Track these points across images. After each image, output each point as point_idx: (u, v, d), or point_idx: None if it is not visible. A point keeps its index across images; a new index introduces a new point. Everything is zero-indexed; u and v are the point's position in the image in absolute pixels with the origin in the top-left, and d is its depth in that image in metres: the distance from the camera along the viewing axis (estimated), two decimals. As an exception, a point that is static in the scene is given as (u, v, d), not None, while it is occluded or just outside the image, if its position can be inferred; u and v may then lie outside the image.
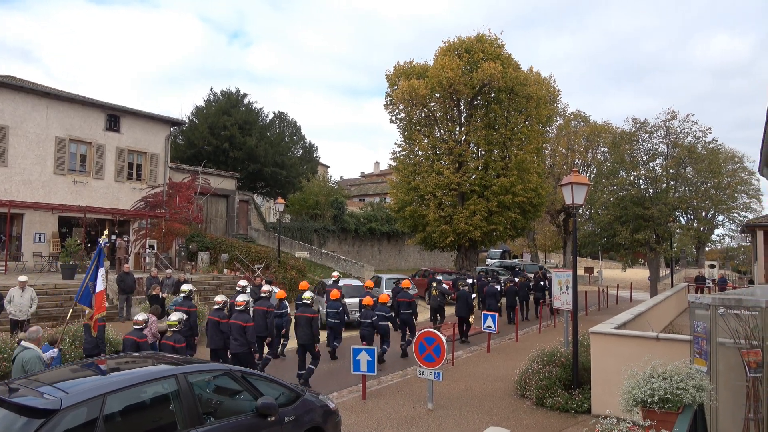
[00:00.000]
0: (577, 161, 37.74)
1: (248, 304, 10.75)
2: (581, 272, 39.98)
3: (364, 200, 55.50)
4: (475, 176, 25.63)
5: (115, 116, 25.70)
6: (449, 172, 24.83)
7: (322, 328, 13.25)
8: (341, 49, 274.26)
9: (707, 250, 54.88)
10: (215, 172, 31.73)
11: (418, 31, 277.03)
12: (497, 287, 19.13)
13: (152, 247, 25.22)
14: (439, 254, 42.19)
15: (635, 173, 26.94)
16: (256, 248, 26.99)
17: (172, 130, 29.26)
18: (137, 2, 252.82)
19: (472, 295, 17.53)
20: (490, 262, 40.99)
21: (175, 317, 9.33)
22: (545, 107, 26.95)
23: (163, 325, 12.48)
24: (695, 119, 25.91)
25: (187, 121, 35.90)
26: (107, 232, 12.92)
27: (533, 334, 18.03)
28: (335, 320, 13.27)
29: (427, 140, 26.55)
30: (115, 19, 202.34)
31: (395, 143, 28.83)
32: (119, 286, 17.68)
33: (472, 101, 25.95)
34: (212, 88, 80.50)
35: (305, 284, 14.58)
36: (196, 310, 12.25)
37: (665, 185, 26.53)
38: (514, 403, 10.04)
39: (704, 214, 37.15)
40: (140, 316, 9.67)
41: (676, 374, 4.74)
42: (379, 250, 41.84)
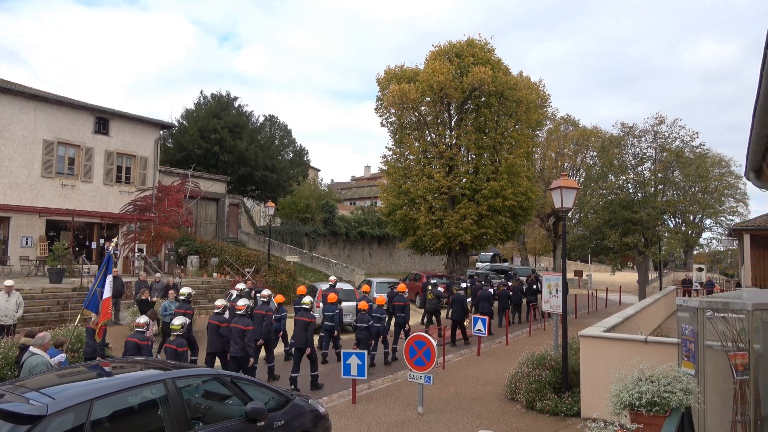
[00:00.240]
0: (566, 165, 37.97)
1: (249, 308, 10.88)
2: (571, 275, 40.18)
3: (354, 204, 55.44)
4: (465, 180, 25.72)
5: (104, 119, 25.53)
6: (440, 175, 24.90)
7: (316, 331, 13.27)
8: (332, 52, 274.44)
9: (695, 253, 55.35)
10: (205, 175, 31.59)
11: (408, 35, 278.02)
12: (490, 291, 19.29)
13: (141, 250, 25.04)
14: (429, 258, 42.25)
15: (624, 177, 27.17)
16: (246, 252, 26.88)
17: (161, 133, 29.10)
18: (127, 4, 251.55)
19: (467, 298, 17.77)
20: (480, 265, 41.04)
21: (178, 321, 9.35)
22: (535, 111, 27.13)
23: (154, 328, 12.47)
24: (683, 124, 26.19)
25: (176, 124, 35.72)
26: (116, 239, 12.93)
27: (523, 337, 18.09)
28: (331, 323, 13.36)
29: (417, 144, 26.62)
30: (104, 21, 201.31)
31: (386, 147, 28.96)
32: (107, 290, 17.51)
33: (462, 105, 26.06)
34: (202, 91, 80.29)
35: (303, 289, 14.77)
36: (193, 312, 12.40)
37: (653, 189, 26.77)
38: (504, 406, 10.06)
39: (692, 217, 37.51)
40: (142, 318, 9.75)
41: (663, 377, 4.78)
42: (369, 253, 41.81)
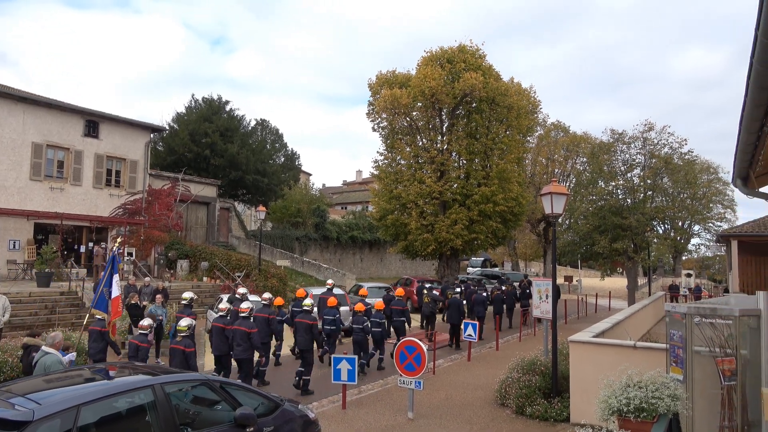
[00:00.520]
0: (557, 171, 38.19)
1: (252, 311, 11.08)
2: (561, 281, 40.35)
3: (346, 208, 55.45)
4: (456, 185, 25.78)
5: (93, 122, 25.38)
6: (431, 180, 24.95)
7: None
8: (324, 56, 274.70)
9: (684, 259, 55.80)
10: (196, 179, 31.46)
11: (400, 40, 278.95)
12: (484, 295, 19.53)
13: (131, 254, 24.88)
14: (420, 263, 42.22)
15: (613, 183, 27.37)
16: (236, 256, 26.77)
17: (152, 136, 28.97)
18: (118, 8, 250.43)
19: (463, 302, 18.00)
20: (471, 270, 41.15)
21: (184, 323, 9.51)
22: (526, 117, 27.27)
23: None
24: (671, 131, 26.39)
25: (167, 127, 35.58)
26: (120, 240, 12.97)
27: (514, 342, 18.13)
28: (331, 327, 13.47)
29: (409, 149, 26.66)
30: (95, 24, 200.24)
31: (377, 152, 28.92)
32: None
33: (453, 111, 26.16)
34: (193, 94, 79.93)
35: (302, 292, 14.95)
36: (196, 316, 12.52)
37: (643, 195, 26.97)
38: (494, 411, 10.07)
39: (681, 223, 37.85)
40: (146, 321, 9.90)
41: (651, 383, 4.81)
42: (360, 258, 41.77)
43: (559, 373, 9.76)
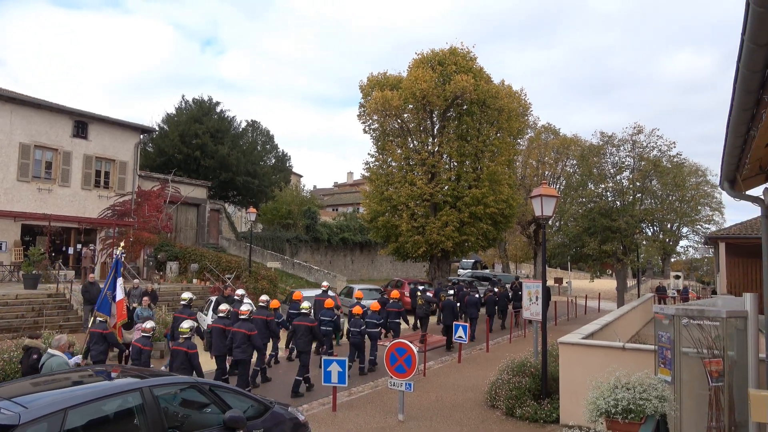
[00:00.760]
0: (547, 173, 38.36)
1: (252, 313, 11.20)
2: (551, 282, 40.52)
3: (337, 210, 55.39)
4: (447, 187, 25.85)
5: (82, 123, 25.18)
6: (422, 182, 25.00)
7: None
8: (315, 58, 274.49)
9: (672, 261, 56.23)
10: (186, 180, 31.30)
11: (392, 42, 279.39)
12: (477, 296, 19.71)
13: (119, 256, 24.66)
14: (411, 264, 42.30)
15: (603, 186, 27.55)
16: (226, 258, 26.65)
17: (141, 137, 28.80)
18: (108, 8, 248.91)
19: (456, 304, 18.27)
20: (461, 272, 41.22)
21: (186, 324, 9.58)
22: (516, 120, 27.40)
23: (131, 335, 12.35)
24: (660, 134, 26.72)
25: (157, 128, 35.37)
26: (123, 243, 13.07)
27: (504, 344, 18.19)
28: (328, 328, 13.58)
29: (400, 151, 26.70)
30: (85, 24, 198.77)
31: (368, 153, 29.09)
32: (84, 296, 17.24)
33: (444, 113, 26.23)
34: (184, 95, 79.66)
35: (299, 294, 15.11)
36: (196, 317, 12.61)
37: (632, 198, 27.17)
38: (484, 413, 10.09)
39: (669, 226, 38.12)
40: (148, 323, 10.08)
41: (639, 385, 4.84)
42: (351, 260, 41.73)
43: (548, 374, 9.80)
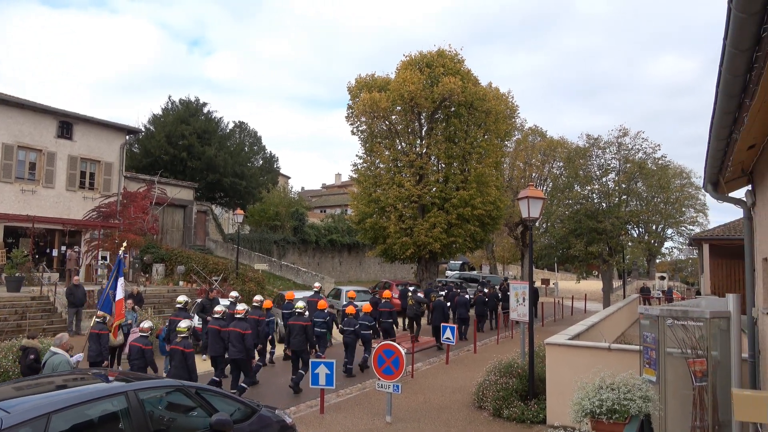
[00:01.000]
0: (534, 175, 38.59)
1: (247, 312, 11.45)
2: (538, 284, 40.71)
3: (325, 211, 55.26)
4: (435, 189, 25.91)
5: (67, 123, 24.90)
6: (410, 184, 25.03)
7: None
8: (303, 59, 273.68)
9: (658, 262, 56.76)
10: (172, 181, 31.07)
11: (379, 44, 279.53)
12: (467, 297, 20.01)
13: (105, 258, 24.43)
14: (399, 266, 42.31)
15: (589, 188, 27.76)
16: (213, 260, 26.49)
17: (127, 138, 28.54)
18: (94, 7, 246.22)
19: (447, 304, 18.61)
20: (449, 273, 41.32)
21: (184, 324, 9.71)
22: (504, 122, 27.55)
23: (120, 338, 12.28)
24: (645, 136, 27.06)
25: (143, 129, 35.09)
26: (126, 243, 13.06)
27: (491, 345, 18.26)
28: (322, 329, 13.76)
29: (388, 152, 26.73)
30: (70, 23, 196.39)
31: (356, 155, 29.00)
32: (68, 299, 17.05)
33: (432, 115, 26.30)
34: (170, 96, 78.67)
35: (292, 294, 15.48)
36: (192, 319, 12.82)
37: (617, 199, 27.40)
38: (471, 414, 10.12)
39: (654, 227, 38.45)
40: (146, 323, 10.15)
41: (623, 385, 4.89)
42: (339, 261, 41.67)
43: (535, 375, 9.86)
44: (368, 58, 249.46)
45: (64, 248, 24.43)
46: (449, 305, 19.45)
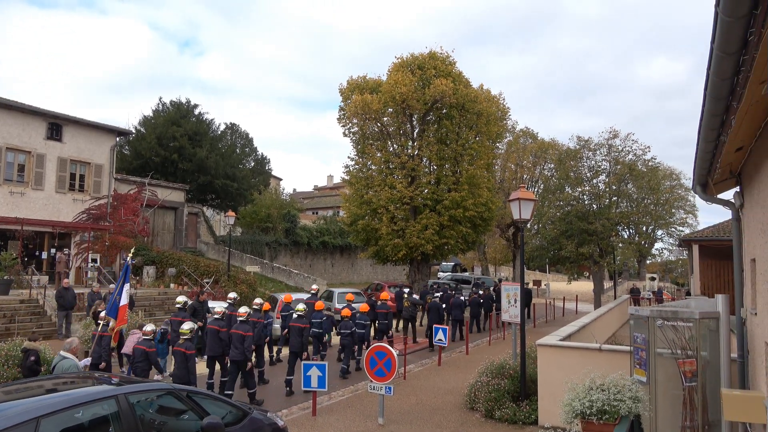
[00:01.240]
0: (525, 177, 38.71)
1: (249, 314, 11.57)
2: (529, 285, 40.83)
3: (317, 213, 55.14)
4: (427, 190, 25.94)
5: (57, 125, 24.71)
6: (402, 186, 25.05)
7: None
8: (295, 61, 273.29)
9: (648, 263, 57.12)
10: (163, 183, 30.91)
11: (371, 45, 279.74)
12: (462, 298, 20.18)
13: (95, 261, 24.26)
14: (391, 268, 42.33)
15: (580, 189, 27.90)
16: (205, 262, 26.37)
17: (118, 140, 28.37)
18: (83, 8, 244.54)
19: (442, 306, 18.75)
20: (441, 275, 41.36)
21: (187, 326, 9.80)
22: (495, 124, 27.63)
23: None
24: (635, 138, 27.16)
25: (134, 131, 34.87)
26: (133, 249, 13.14)
27: (483, 346, 18.29)
28: (319, 330, 13.89)
29: (380, 154, 26.73)
30: (59, 24, 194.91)
31: (348, 157, 29.01)
32: (58, 302, 16.92)
33: (424, 116, 26.34)
34: (161, 98, 78.43)
35: (289, 297, 15.79)
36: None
37: (608, 201, 27.56)
38: (463, 415, 10.13)
39: (644, 228, 38.76)
40: (149, 326, 10.34)
41: (613, 386, 4.92)
42: (331, 263, 41.60)
43: (527, 376, 9.89)
44: (360, 59, 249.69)
45: (53, 251, 24.23)
46: (444, 306, 19.56)
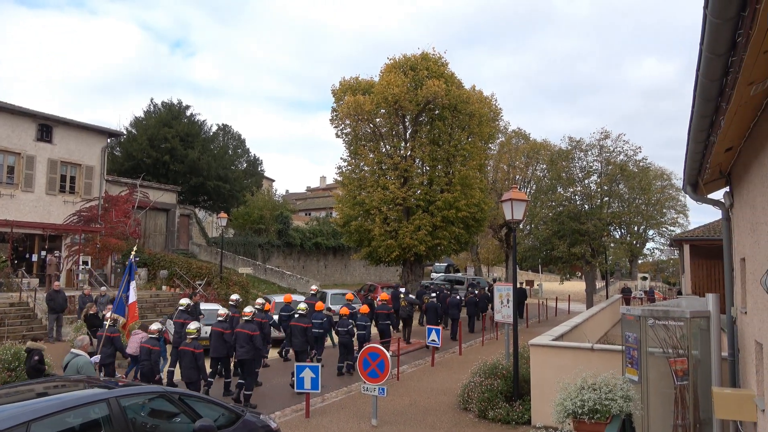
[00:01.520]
0: (518, 177, 38.84)
1: (254, 314, 11.80)
2: (522, 285, 40.96)
3: (309, 214, 55.04)
4: (419, 191, 25.97)
5: (47, 126, 24.53)
6: (394, 187, 25.06)
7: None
8: (287, 62, 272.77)
9: (640, 262, 57.48)
10: (155, 185, 30.76)
11: (364, 46, 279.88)
12: (458, 298, 20.54)
13: (86, 263, 24.09)
14: (384, 269, 42.29)
15: (572, 189, 28.04)
16: (197, 264, 26.26)
17: (109, 141, 28.19)
18: (73, 8, 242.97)
19: (439, 306, 19.38)
20: (434, 276, 41.41)
21: (194, 326, 10.11)
22: (487, 125, 27.71)
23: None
24: (627, 138, 27.48)
25: (125, 132, 34.67)
26: (136, 248, 13.24)
27: (476, 346, 18.32)
28: (319, 330, 14.07)
29: (372, 155, 26.73)
30: (48, 25, 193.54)
31: (341, 158, 29.00)
32: (49, 304, 16.79)
33: (416, 117, 26.38)
34: (152, 99, 77.81)
35: (289, 297, 16.15)
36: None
37: (599, 201, 27.71)
38: (457, 416, 10.14)
39: (636, 228, 39.00)
40: (154, 325, 10.67)
41: (605, 385, 4.94)
42: (324, 264, 41.54)
43: (520, 376, 9.91)
44: (352, 60, 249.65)
45: (44, 253, 24.04)
46: (441, 306, 19.84)
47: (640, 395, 6.18)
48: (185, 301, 13.46)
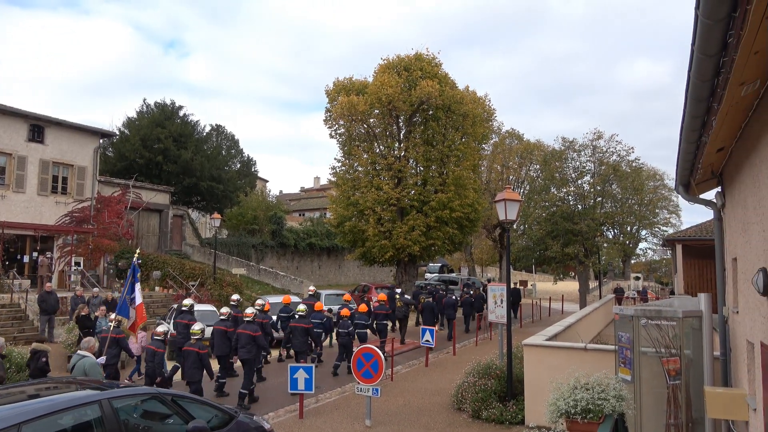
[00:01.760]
0: (511, 178, 38.92)
1: (256, 315, 11.95)
2: (517, 285, 41.03)
3: (303, 215, 54.98)
4: (413, 192, 25.97)
5: (39, 126, 24.36)
6: (388, 187, 25.05)
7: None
8: (280, 62, 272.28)
9: (633, 262, 57.76)
10: (148, 185, 30.62)
11: (357, 47, 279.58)
12: (454, 298, 20.83)
13: (78, 264, 23.95)
14: (378, 269, 42.26)
15: (565, 190, 28.16)
16: (190, 265, 26.16)
17: (101, 141, 28.03)
18: (65, 8, 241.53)
19: (435, 305, 19.57)
20: (429, 276, 41.42)
21: (198, 326, 10.32)
22: (481, 125, 27.74)
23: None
24: (619, 139, 27.67)
25: (117, 132, 34.50)
26: (140, 250, 13.32)
27: (470, 347, 18.35)
28: (319, 330, 14.42)
29: (366, 156, 26.71)
30: (41, 25, 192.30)
31: (335, 158, 28.84)
32: (40, 306, 16.67)
33: (410, 118, 26.38)
34: (145, 99, 77.71)
35: (288, 298, 16.34)
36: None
37: (593, 201, 27.85)
38: (451, 416, 10.15)
39: (629, 228, 39.16)
40: (161, 327, 10.72)
41: (598, 385, 4.95)
42: (318, 265, 41.49)
43: (514, 376, 9.93)
44: (346, 61, 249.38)
45: (35, 254, 23.88)
46: (437, 307, 20.00)
47: (632, 395, 6.20)
48: (188, 301, 13.64)
